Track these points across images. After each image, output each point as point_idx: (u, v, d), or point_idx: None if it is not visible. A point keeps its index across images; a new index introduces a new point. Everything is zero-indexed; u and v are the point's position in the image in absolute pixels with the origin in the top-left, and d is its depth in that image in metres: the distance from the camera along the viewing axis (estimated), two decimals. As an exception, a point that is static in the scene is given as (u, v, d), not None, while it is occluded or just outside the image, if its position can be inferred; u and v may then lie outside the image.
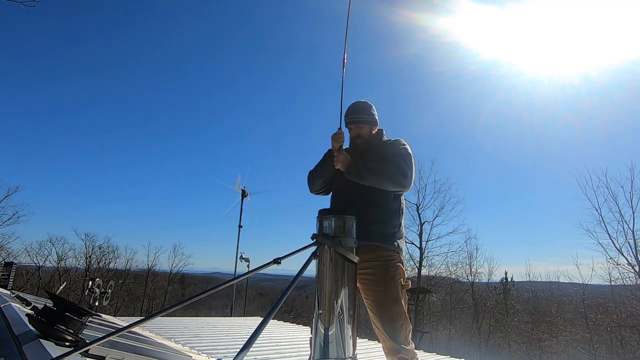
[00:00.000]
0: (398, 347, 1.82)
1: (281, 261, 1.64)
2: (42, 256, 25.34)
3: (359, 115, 2.13)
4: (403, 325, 1.85)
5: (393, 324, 1.84)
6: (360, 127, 2.13)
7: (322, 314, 1.65)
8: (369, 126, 2.15)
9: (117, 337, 2.14)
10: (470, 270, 21.88)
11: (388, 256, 1.93)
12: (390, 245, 1.94)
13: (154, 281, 29.94)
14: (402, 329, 1.84)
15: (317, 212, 1.86)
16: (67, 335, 1.64)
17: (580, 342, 18.21)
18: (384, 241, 1.93)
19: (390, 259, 1.93)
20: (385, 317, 1.86)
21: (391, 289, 1.88)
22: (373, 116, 2.16)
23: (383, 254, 1.92)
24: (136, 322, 1.50)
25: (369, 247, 1.91)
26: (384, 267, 1.90)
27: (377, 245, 1.92)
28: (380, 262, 1.91)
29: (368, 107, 2.17)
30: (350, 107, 2.17)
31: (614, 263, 15.79)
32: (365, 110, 2.14)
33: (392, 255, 1.94)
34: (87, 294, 3.90)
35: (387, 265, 1.91)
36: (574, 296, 19.90)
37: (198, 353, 3.65)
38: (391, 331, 1.84)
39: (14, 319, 2.22)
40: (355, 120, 2.13)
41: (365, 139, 2.14)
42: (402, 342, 1.83)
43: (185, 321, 6.35)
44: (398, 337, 1.83)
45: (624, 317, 16.42)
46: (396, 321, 1.84)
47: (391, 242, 1.95)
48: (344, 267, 1.71)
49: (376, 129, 2.20)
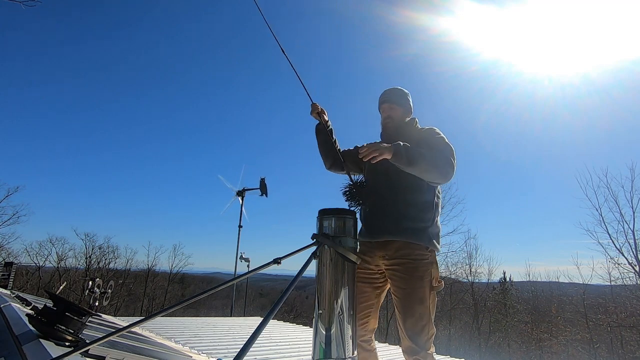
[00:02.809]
0: (417, 349, 1.75)
1: (281, 261, 1.64)
2: (42, 256, 25.34)
3: (391, 96, 2.06)
4: (425, 327, 1.77)
5: (415, 325, 1.77)
6: (392, 108, 2.04)
7: (322, 314, 1.65)
8: (401, 109, 2.05)
9: (117, 337, 2.14)
10: (470, 270, 21.89)
11: (419, 254, 1.82)
12: (422, 241, 1.83)
13: (154, 281, 29.90)
14: (424, 331, 1.77)
15: (317, 212, 1.86)
16: (67, 335, 1.64)
17: (580, 342, 18.21)
18: (416, 237, 1.83)
19: (422, 257, 1.82)
20: (409, 316, 1.78)
21: (418, 289, 1.79)
22: (407, 102, 2.08)
23: (414, 251, 1.82)
24: (136, 322, 1.50)
25: (399, 244, 1.84)
26: (413, 266, 1.81)
27: (408, 242, 1.83)
28: (410, 260, 1.81)
29: (403, 92, 2.10)
30: (384, 91, 2.11)
31: (614, 263, 15.78)
32: (398, 93, 2.08)
33: (424, 253, 1.83)
34: (87, 294, 3.90)
35: (416, 264, 1.81)
36: (574, 296, 19.88)
37: (198, 353, 3.65)
38: (412, 332, 1.77)
39: (14, 319, 2.22)
40: (387, 100, 2.06)
41: (396, 122, 2.04)
42: (422, 345, 1.75)
43: (185, 321, 6.35)
44: (418, 339, 1.76)
45: (624, 317, 16.42)
46: (418, 322, 1.77)
47: (423, 239, 1.84)
48: (344, 267, 1.71)
49: (409, 117, 2.10)
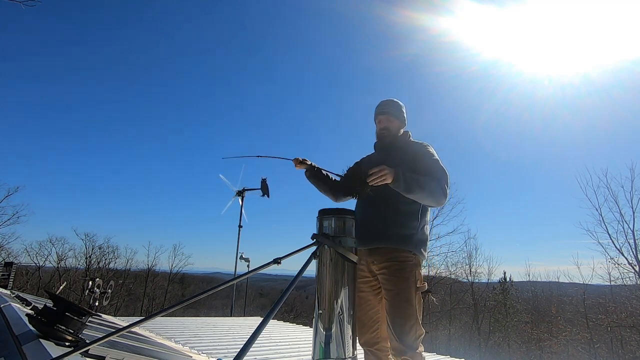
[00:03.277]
0: (405, 349, 1.79)
1: (281, 261, 1.64)
2: (42, 256, 25.31)
3: (389, 108, 2.15)
4: (413, 327, 1.82)
5: (403, 325, 1.81)
6: (389, 120, 2.14)
7: (322, 314, 1.65)
8: (397, 121, 2.15)
9: (117, 337, 2.14)
10: (469, 270, 21.88)
11: (404, 257, 1.91)
12: (408, 247, 1.93)
13: (154, 281, 29.88)
14: (412, 330, 1.81)
15: (317, 212, 1.86)
16: (67, 335, 1.64)
17: (580, 342, 18.20)
18: (401, 243, 1.93)
19: (406, 259, 1.91)
20: (397, 316, 1.83)
21: (404, 289, 1.86)
22: (403, 114, 2.18)
23: (400, 255, 1.91)
24: (136, 322, 1.50)
25: (387, 249, 1.92)
26: (400, 267, 1.89)
27: (394, 248, 1.92)
28: (396, 262, 1.90)
29: (399, 105, 2.19)
30: (381, 102, 2.20)
31: (614, 263, 15.80)
32: (395, 105, 2.17)
33: (409, 256, 1.92)
34: (87, 294, 3.89)
35: (402, 266, 1.90)
36: (574, 296, 19.88)
37: (198, 353, 3.65)
38: (400, 332, 1.81)
39: (14, 319, 2.22)
40: (384, 112, 2.14)
41: (392, 134, 2.14)
42: (410, 345, 1.79)
43: (185, 321, 6.35)
44: (406, 338, 1.79)
45: (624, 317, 16.40)
46: (407, 322, 1.81)
47: (408, 244, 1.93)
48: (344, 267, 1.71)
49: (404, 129, 2.20)
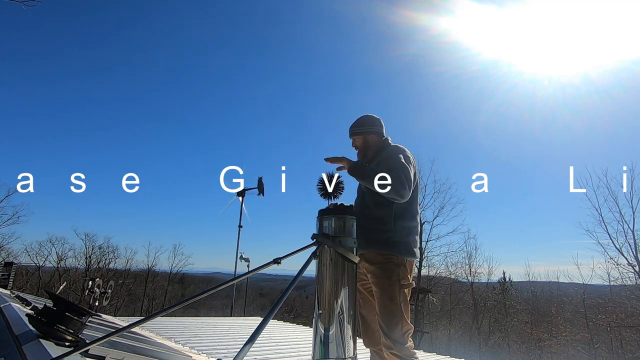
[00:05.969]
0: (391, 344, 1.89)
1: (281, 261, 1.65)
2: (42, 256, 25.34)
3: (352, 129, 2.34)
4: (399, 323, 1.92)
5: (389, 322, 1.92)
6: (354, 139, 2.33)
7: (322, 314, 1.65)
8: (361, 137, 2.31)
9: (117, 337, 2.14)
10: (469, 270, 21.91)
11: (385, 259, 2.02)
12: (385, 249, 2.03)
13: (154, 281, 29.91)
14: (398, 326, 1.91)
15: (317, 212, 1.86)
16: (67, 335, 1.64)
17: (580, 342, 18.21)
18: (379, 247, 2.04)
19: (388, 260, 2.02)
20: (382, 314, 1.95)
21: (387, 288, 1.97)
22: (366, 127, 2.32)
23: (381, 258, 2.03)
24: (136, 322, 1.51)
25: (371, 254, 2.05)
26: (381, 269, 2.01)
27: (376, 252, 2.04)
28: (378, 264, 2.02)
29: (362, 120, 2.34)
30: (352, 124, 2.36)
31: (614, 263, 15.82)
32: (357, 123, 2.33)
33: (391, 258, 2.02)
34: (87, 294, 3.89)
35: (384, 266, 2.01)
36: (574, 296, 19.91)
37: (198, 353, 3.65)
38: (387, 328, 1.92)
39: (14, 319, 2.22)
40: (357, 133, 2.33)
41: (360, 149, 2.32)
42: (396, 339, 1.89)
43: (185, 321, 6.35)
44: (392, 334, 1.90)
45: (624, 317, 16.43)
46: (392, 319, 1.92)
47: (387, 246, 2.04)
48: (344, 267, 1.71)
49: (375, 137, 2.31)
